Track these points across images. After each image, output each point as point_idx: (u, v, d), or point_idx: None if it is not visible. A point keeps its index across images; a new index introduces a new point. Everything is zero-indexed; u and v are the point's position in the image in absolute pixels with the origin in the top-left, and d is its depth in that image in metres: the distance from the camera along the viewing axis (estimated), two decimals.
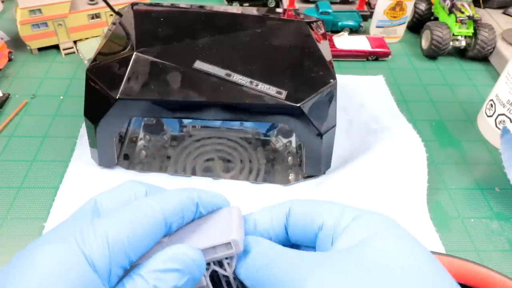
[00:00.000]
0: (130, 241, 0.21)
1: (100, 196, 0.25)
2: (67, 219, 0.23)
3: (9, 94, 0.58)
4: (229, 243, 0.23)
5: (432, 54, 0.69)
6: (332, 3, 0.76)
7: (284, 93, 0.41)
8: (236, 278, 0.25)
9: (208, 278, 0.24)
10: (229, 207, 0.26)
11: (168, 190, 0.26)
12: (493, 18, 0.75)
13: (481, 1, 0.77)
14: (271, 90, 0.41)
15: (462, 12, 0.66)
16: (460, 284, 0.39)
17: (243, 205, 0.30)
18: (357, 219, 0.23)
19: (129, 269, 0.22)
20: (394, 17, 0.71)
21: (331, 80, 0.42)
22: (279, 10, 0.54)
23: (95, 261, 0.20)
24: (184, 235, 0.24)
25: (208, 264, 0.25)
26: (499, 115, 0.53)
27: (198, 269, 0.22)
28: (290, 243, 0.26)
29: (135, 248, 0.21)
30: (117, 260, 0.21)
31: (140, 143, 0.51)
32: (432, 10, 0.75)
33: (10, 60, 0.64)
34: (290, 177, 0.48)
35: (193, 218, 0.25)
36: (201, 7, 0.52)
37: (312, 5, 0.76)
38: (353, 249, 0.21)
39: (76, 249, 0.20)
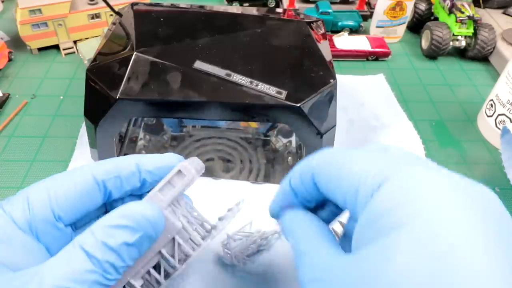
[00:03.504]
0: (52, 197, 0.23)
1: None
2: None
3: (9, 94, 0.58)
4: (180, 171, 0.23)
5: (432, 54, 0.69)
6: (332, 3, 0.76)
7: (284, 93, 0.41)
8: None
9: (185, 222, 0.24)
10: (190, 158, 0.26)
11: None
12: (493, 18, 0.75)
13: (481, 1, 0.77)
14: (271, 90, 0.41)
15: (462, 12, 0.66)
16: None
17: (243, 205, 0.30)
18: (388, 181, 0.18)
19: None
20: (394, 17, 0.71)
21: (331, 80, 0.42)
22: (279, 10, 0.54)
23: (14, 215, 0.22)
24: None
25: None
26: (499, 115, 0.53)
27: (152, 226, 0.22)
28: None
29: (60, 203, 0.23)
30: (38, 214, 0.22)
31: (140, 143, 0.51)
32: (432, 10, 0.75)
33: (10, 60, 0.64)
34: None
35: (141, 179, 0.25)
36: (201, 7, 0.52)
37: (312, 5, 0.76)
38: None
39: None
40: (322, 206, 0.26)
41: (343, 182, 0.20)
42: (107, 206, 0.26)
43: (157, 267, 0.25)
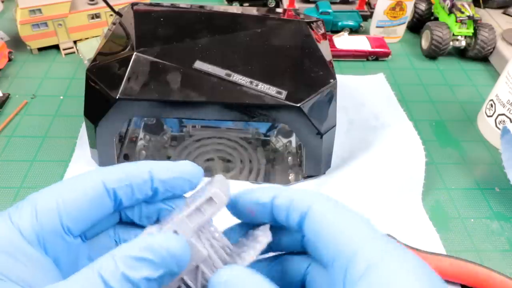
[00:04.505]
0: (61, 206, 0.22)
1: None
2: None
3: (9, 94, 0.58)
4: (211, 198, 0.23)
5: (432, 54, 0.69)
6: (332, 3, 0.76)
7: (284, 93, 0.41)
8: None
9: (210, 249, 0.23)
10: (215, 177, 0.25)
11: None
12: (493, 18, 0.75)
13: (481, 1, 0.77)
14: (271, 90, 0.41)
15: (462, 12, 0.66)
16: (461, 285, 0.39)
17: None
18: (372, 270, 0.20)
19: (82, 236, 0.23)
20: (394, 17, 0.71)
21: (331, 80, 0.42)
22: (279, 10, 0.54)
23: (21, 226, 0.21)
24: (175, 214, 0.24)
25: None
26: (499, 115, 0.53)
27: (177, 263, 0.21)
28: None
29: (69, 213, 0.22)
30: (46, 225, 0.21)
31: (140, 143, 0.51)
32: (432, 10, 0.75)
33: (10, 60, 0.64)
34: (290, 177, 0.48)
35: (153, 188, 0.24)
36: (201, 7, 0.52)
37: (312, 5, 0.76)
38: None
39: (6, 218, 0.21)
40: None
41: (339, 248, 0.21)
42: (121, 213, 0.25)
43: None
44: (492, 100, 0.55)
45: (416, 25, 0.75)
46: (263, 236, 0.24)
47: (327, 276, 0.23)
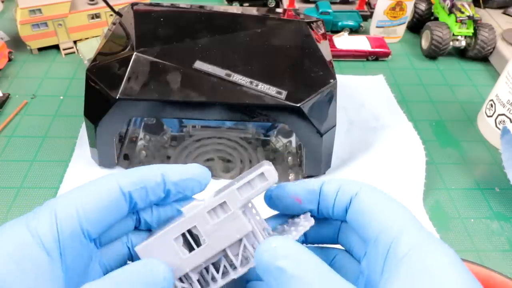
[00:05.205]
0: (80, 211, 0.22)
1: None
2: None
3: (9, 94, 0.58)
4: (262, 174, 0.23)
5: (432, 54, 0.69)
6: (332, 3, 0.76)
7: (284, 93, 0.41)
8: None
9: (255, 226, 0.24)
10: (263, 162, 0.26)
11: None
12: (493, 18, 0.75)
13: (481, 1, 0.77)
14: (271, 90, 0.41)
15: (462, 12, 0.66)
16: None
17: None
18: (415, 251, 0.21)
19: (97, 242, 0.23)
20: (394, 17, 0.71)
21: (331, 80, 0.42)
22: (279, 10, 0.54)
23: (40, 232, 0.21)
24: (220, 191, 0.24)
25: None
26: (499, 115, 0.53)
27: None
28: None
29: (88, 217, 0.22)
30: (66, 230, 0.21)
31: (140, 143, 0.51)
32: (432, 10, 0.75)
33: (10, 60, 0.64)
34: (290, 177, 0.48)
35: (166, 190, 0.24)
36: (201, 7, 0.52)
37: (312, 5, 0.76)
38: None
39: (23, 224, 0.21)
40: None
41: (385, 224, 0.22)
42: (138, 216, 0.26)
43: (215, 265, 0.24)
44: (492, 100, 0.55)
45: (416, 25, 0.75)
46: (305, 221, 0.25)
47: (356, 264, 0.25)
